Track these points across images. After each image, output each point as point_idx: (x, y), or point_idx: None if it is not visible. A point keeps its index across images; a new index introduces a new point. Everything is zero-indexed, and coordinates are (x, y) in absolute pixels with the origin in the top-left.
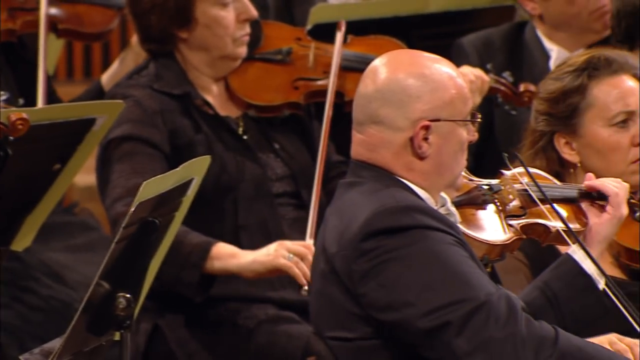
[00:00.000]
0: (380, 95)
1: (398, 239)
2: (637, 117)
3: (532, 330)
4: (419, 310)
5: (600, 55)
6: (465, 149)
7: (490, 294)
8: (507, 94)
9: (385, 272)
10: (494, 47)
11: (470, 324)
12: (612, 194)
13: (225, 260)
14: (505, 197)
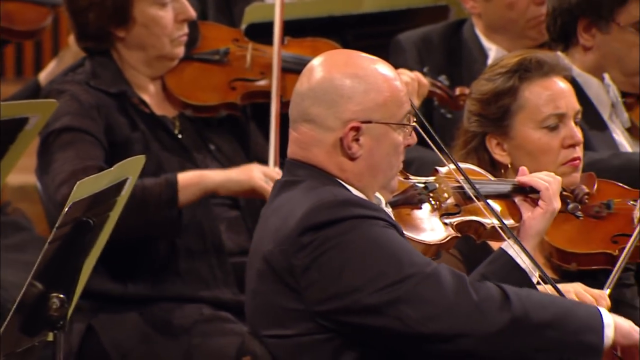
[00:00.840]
0: (313, 93)
1: (335, 229)
2: (567, 120)
3: (481, 291)
4: (367, 292)
5: (531, 57)
6: (401, 152)
7: (433, 265)
8: (443, 97)
9: (328, 263)
10: (432, 44)
11: (420, 295)
12: (543, 188)
13: (196, 185)
14: (440, 196)
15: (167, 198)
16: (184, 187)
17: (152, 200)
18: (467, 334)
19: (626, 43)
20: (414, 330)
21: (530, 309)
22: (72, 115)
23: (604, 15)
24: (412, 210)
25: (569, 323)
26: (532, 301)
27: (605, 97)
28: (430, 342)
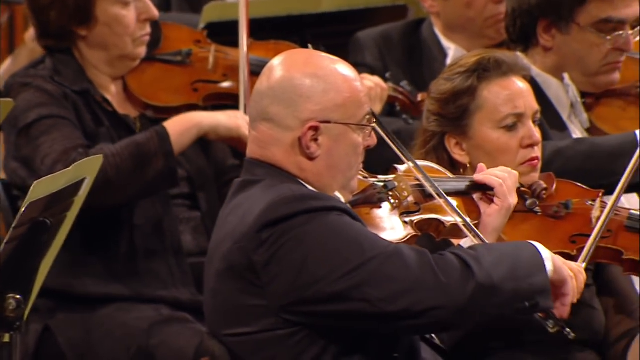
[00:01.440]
0: (272, 92)
1: (292, 223)
2: (526, 119)
3: (444, 264)
4: (331, 280)
5: (490, 56)
6: (361, 152)
7: (394, 245)
8: (405, 103)
9: (288, 256)
10: (392, 42)
11: (385, 274)
12: (497, 185)
13: (187, 131)
14: (400, 194)
15: (163, 150)
16: (175, 135)
17: (148, 155)
18: (439, 307)
19: (586, 43)
20: (383, 310)
21: (490, 270)
22: (45, 105)
23: (564, 16)
24: (372, 209)
25: (519, 269)
26: (488, 262)
27: (564, 97)
28: (401, 319)
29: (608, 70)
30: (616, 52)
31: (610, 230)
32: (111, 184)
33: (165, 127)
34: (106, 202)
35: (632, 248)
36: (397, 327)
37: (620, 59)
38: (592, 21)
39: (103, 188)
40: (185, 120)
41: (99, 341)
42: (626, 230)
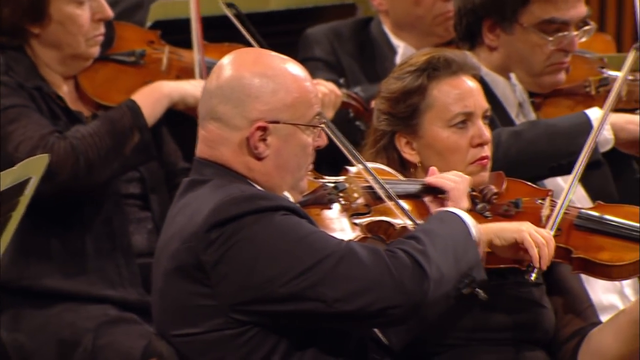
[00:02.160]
0: (221, 91)
1: (242, 222)
2: (476, 118)
3: (399, 262)
4: (284, 281)
5: (440, 55)
6: (310, 153)
7: (347, 243)
8: (358, 109)
9: (238, 256)
10: (343, 36)
11: (340, 274)
12: (450, 189)
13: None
14: (350, 196)
15: (138, 124)
16: (147, 108)
17: (124, 130)
18: (395, 306)
19: (529, 44)
20: (339, 309)
21: (439, 263)
22: (5, 96)
23: (507, 16)
24: (322, 210)
25: (458, 252)
26: (435, 256)
27: (512, 96)
28: (357, 318)
29: (552, 71)
30: (560, 52)
31: (559, 228)
32: (93, 164)
33: (136, 100)
34: (91, 182)
35: (581, 246)
36: (353, 326)
37: (564, 60)
38: (535, 22)
39: (86, 169)
40: (154, 91)
41: (46, 342)
42: (576, 228)
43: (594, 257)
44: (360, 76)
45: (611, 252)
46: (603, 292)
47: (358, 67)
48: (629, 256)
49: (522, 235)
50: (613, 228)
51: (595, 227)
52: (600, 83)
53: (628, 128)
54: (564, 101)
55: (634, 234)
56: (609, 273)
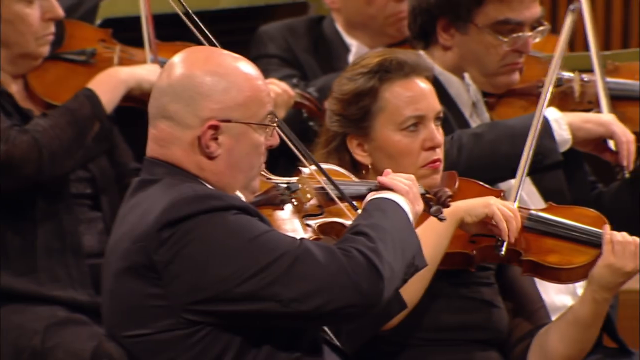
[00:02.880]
0: (172, 90)
1: (194, 222)
2: (428, 122)
3: (353, 261)
4: (238, 280)
5: (392, 57)
6: (262, 152)
7: (301, 242)
8: (312, 109)
9: (190, 255)
10: (297, 33)
11: (295, 274)
12: (404, 193)
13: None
14: (303, 196)
15: (97, 113)
16: (105, 95)
17: (84, 120)
18: (351, 305)
19: (484, 44)
20: (295, 309)
21: (391, 261)
22: None
23: (461, 16)
24: (274, 211)
25: (404, 243)
26: (387, 252)
27: (466, 96)
28: (312, 318)
29: (506, 72)
30: (514, 53)
31: None
32: (56, 156)
33: (93, 89)
34: (55, 173)
35: (531, 249)
36: (308, 325)
37: (518, 61)
38: (489, 22)
39: (50, 161)
40: (111, 78)
41: None
42: (526, 230)
43: (544, 260)
44: (318, 72)
45: (561, 255)
46: (555, 293)
47: (315, 63)
48: (578, 259)
49: (492, 209)
50: (563, 230)
51: (545, 230)
52: None
53: (585, 127)
54: (517, 101)
55: (584, 237)
56: (558, 276)
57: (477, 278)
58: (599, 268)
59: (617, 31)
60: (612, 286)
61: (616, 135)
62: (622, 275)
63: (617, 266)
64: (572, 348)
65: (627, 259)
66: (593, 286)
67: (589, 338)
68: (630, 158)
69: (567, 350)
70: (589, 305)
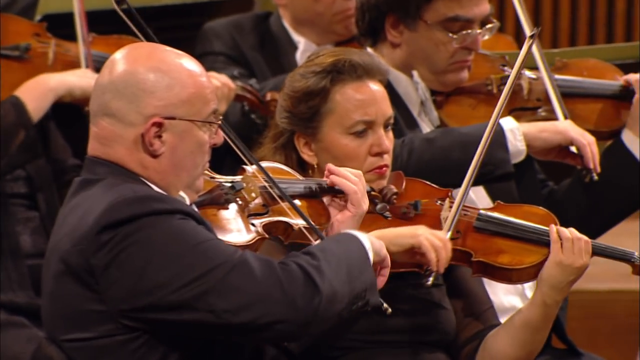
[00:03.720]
0: (114, 87)
1: (135, 225)
2: (377, 127)
3: (290, 276)
4: (174, 288)
5: (346, 59)
6: (206, 151)
7: (241, 253)
8: (253, 102)
9: (128, 260)
10: (244, 30)
11: (230, 285)
12: (352, 192)
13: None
14: (247, 195)
15: (22, 121)
16: (31, 103)
17: (9, 128)
18: (283, 320)
19: (433, 41)
20: (228, 321)
21: (332, 280)
22: None
23: (411, 12)
24: (219, 210)
25: (353, 271)
26: (329, 272)
27: (414, 94)
28: (245, 331)
29: (455, 69)
30: (464, 50)
31: (459, 231)
32: None
33: (19, 96)
34: None
35: (481, 250)
36: (242, 339)
37: (468, 58)
38: (439, 19)
39: None
40: (39, 85)
41: None
42: (475, 231)
43: (494, 260)
44: (265, 70)
45: (511, 255)
46: (504, 294)
47: (262, 60)
48: (528, 259)
49: (419, 240)
50: (512, 230)
51: (495, 229)
52: (502, 81)
53: (542, 136)
54: (466, 99)
55: (533, 236)
56: (508, 277)
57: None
58: (548, 267)
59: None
60: (562, 286)
61: (576, 141)
62: (572, 273)
63: (566, 263)
64: (521, 351)
65: (576, 256)
66: (543, 288)
67: (538, 341)
68: (596, 160)
69: (516, 353)
70: (539, 308)
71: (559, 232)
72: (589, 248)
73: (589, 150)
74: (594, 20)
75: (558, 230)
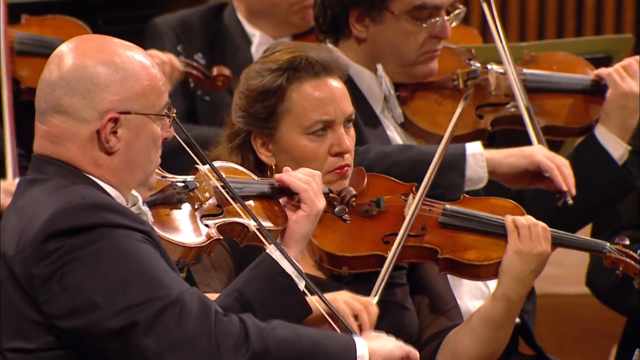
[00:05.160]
0: (65, 82)
1: (82, 237)
2: (337, 126)
3: (224, 327)
4: (106, 312)
5: (303, 56)
6: (160, 145)
7: (181, 292)
8: (199, 78)
9: (69, 274)
10: (192, 29)
11: (159, 323)
12: (302, 191)
13: None
14: (201, 195)
15: None
16: None
17: None
18: None
19: (402, 32)
20: (149, 359)
21: (273, 346)
22: None
23: (376, 4)
24: (171, 210)
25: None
26: (276, 337)
27: (377, 90)
28: None
29: (426, 60)
30: (433, 40)
31: (424, 227)
32: None
33: None
34: None
35: (447, 246)
36: None
37: (437, 47)
38: (406, 9)
39: None
40: None
41: None
42: (440, 227)
43: (461, 257)
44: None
45: (478, 251)
46: (470, 299)
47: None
48: (496, 254)
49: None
50: (479, 224)
51: (461, 225)
52: (468, 76)
53: (507, 162)
54: (431, 95)
55: (501, 230)
56: (477, 273)
57: (389, 279)
58: (507, 258)
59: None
60: (524, 276)
61: (543, 165)
62: (532, 261)
63: (524, 251)
64: (483, 349)
65: (534, 243)
66: (505, 280)
67: (500, 338)
68: (569, 182)
69: (478, 352)
70: (501, 302)
71: (514, 220)
72: (547, 235)
73: (558, 173)
74: (563, 13)
75: (514, 219)
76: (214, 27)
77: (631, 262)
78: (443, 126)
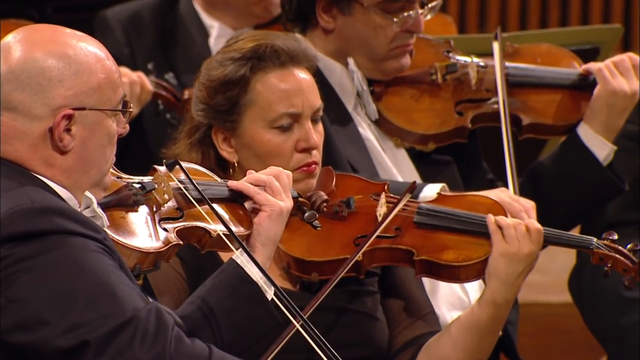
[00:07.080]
0: (14, 77)
1: (32, 246)
2: (304, 120)
3: (182, 349)
4: (55, 329)
5: (267, 44)
6: (115, 142)
7: (138, 309)
8: (169, 100)
9: (16, 286)
10: (143, 23)
11: (112, 343)
12: (253, 194)
13: None
14: (160, 197)
15: None
16: None
17: None
18: None
19: (371, 25)
20: None
21: None
22: None
23: None
24: (127, 212)
25: None
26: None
27: (349, 85)
28: None
29: (397, 55)
30: (405, 34)
31: (398, 228)
32: None
33: None
34: None
35: (423, 247)
36: None
37: (410, 42)
38: (376, 0)
39: None
40: None
41: None
42: (416, 227)
43: (438, 258)
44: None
45: (457, 251)
46: (448, 309)
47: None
48: (476, 254)
49: None
50: (456, 222)
51: (437, 223)
52: (447, 70)
53: None
54: (407, 90)
55: (481, 228)
56: (456, 275)
57: (360, 286)
58: (493, 261)
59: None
60: (512, 279)
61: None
62: (520, 263)
63: (511, 252)
64: (467, 357)
65: (521, 243)
66: (492, 284)
67: (484, 347)
68: None
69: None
70: (488, 307)
71: (497, 221)
72: (534, 233)
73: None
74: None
75: (497, 219)
76: (168, 19)
77: (620, 257)
78: (419, 123)
